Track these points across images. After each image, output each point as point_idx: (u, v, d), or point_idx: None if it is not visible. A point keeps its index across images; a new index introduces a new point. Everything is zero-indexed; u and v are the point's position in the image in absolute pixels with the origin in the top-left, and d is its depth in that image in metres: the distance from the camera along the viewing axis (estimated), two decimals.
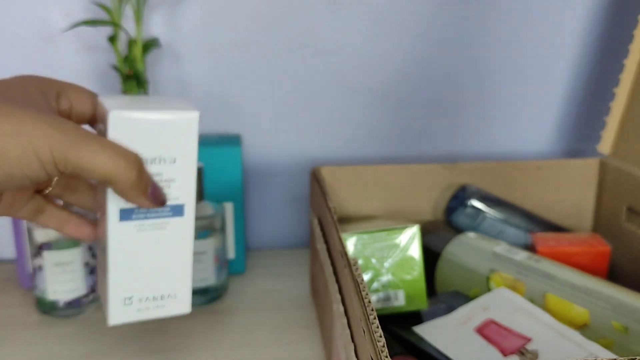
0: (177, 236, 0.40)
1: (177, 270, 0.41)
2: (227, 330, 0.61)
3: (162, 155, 0.37)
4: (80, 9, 0.69)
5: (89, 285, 0.63)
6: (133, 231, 0.38)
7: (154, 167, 0.37)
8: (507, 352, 0.43)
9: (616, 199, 0.66)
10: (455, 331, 0.48)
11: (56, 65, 0.71)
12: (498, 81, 0.78)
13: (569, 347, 0.42)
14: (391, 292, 0.52)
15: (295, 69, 0.75)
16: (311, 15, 0.73)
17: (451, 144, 0.80)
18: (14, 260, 0.75)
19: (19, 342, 0.58)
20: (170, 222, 0.39)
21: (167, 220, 0.39)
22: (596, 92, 0.80)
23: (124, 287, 0.39)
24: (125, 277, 0.39)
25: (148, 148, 0.37)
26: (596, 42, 0.78)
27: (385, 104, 0.78)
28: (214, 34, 0.72)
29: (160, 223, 0.39)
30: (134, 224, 0.38)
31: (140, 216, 0.38)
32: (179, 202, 0.39)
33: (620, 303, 0.49)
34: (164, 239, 0.39)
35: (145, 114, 0.36)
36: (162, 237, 0.39)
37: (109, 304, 0.39)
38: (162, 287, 0.41)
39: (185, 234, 0.40)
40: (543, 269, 0.54)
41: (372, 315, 0.37)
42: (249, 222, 0.81)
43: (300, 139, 0.78)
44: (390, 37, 0.75)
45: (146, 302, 0.41)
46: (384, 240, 0.52)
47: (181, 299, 0.41)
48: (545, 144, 0.82)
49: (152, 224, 0.39)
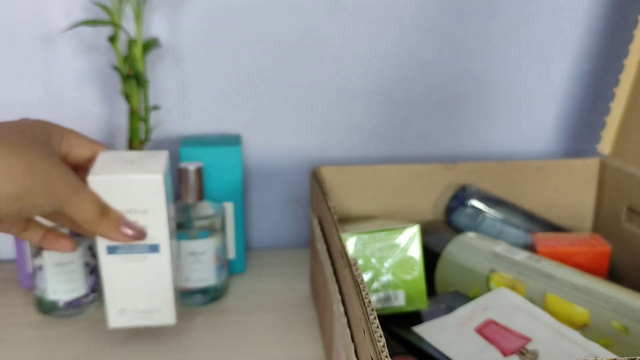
0: (155, 267, 0.49)
1: (159, 291, 0.50)
2: (227, 330, 0.61)
3: (135, 207, 0.47)
4: (80, 9, 0.69)
5: (89, 285, 0.63)
6: (119, 262, 0.49)
7: (131, 216, 0.47)
8: (507, 352, 0.43)
9: (616, 199, 0.66)
10: (455, 331, 0.48)
11: (56, 65, 0.71)
12: (498, 81, 0.78)
13: (569, 347, 0.42)
14: (391, 292, 0.52)
15: (295, 69, 0.75)
16: (311, 15, 0.73)
17: (451, 144, 0.80)
18: (14, 260, 0.75)
19: (19, 342, 0.58)
20: (148, 256, 0.49)
21: (146, 255, 0.49)
22: (596, 92, 0.81)
23: (117, 301, 0.50)
24: (117, 294, 0.50)
25: (122, 201, 0.46)
26: (596, 42, 0.78)
27: (385, 104, 0.78)
28: (214, 34, 0.72)
29: (140, 257, 0.49)
30: (119, 257, 0.49)
31: (124, 251, 0.49)
32: (154, 242, 0.48)
33: (620, 303, 0.49)
34: (145, 268, 0.49)
35: (118, 177, 0.46)
36: (143, 267, 0.49)
37: (108, 312, 0.51)
38: (148, 303, 0.51)
39: (162, 266, 0.50)
40: (543, 269, 0.54)
41: (372, 315, 0.37)
42: (249, 222, 0.81)
43: (300, 139, 0.78)
44: (391, 37, 0.75)
45: (136, 314, 0.51)
46: (384, 240, 0.52)
47: (165, 313, 0.51)
48: (545, 144, 0.82)
49: (134, 257, 0.49)
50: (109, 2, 0.66)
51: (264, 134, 0.77)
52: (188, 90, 0.74)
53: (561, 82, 0.80)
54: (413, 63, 0.76)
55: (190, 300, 0.65)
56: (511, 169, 0.69)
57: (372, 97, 0.77)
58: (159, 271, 0.50)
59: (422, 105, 0.78)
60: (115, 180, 0.46)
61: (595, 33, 0.78)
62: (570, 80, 0.80)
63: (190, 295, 0.65)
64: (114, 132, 0.74)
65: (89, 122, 0.73)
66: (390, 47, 0.75)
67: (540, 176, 0.69)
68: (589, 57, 0.79)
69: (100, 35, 0.71)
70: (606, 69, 0.79)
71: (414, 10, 0.74)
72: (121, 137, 0.74)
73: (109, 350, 0.57)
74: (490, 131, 0.80)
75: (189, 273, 0.64)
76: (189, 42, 0.72)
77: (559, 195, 0.70)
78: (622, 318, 0.47)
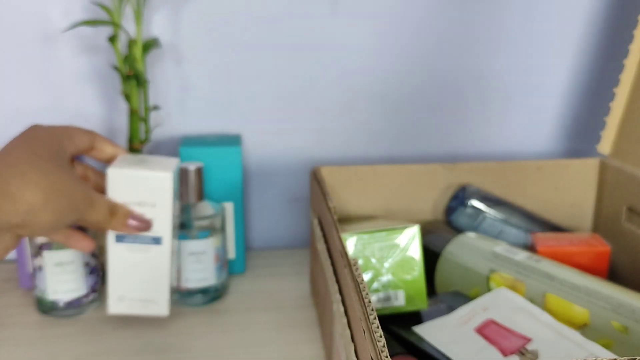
0: (157, 258, 0.54)
1: (157, 282, 0.55)
2: (227, 330, 0.61)
3: (145, 201, 0.52)
4: (80, 8, 0.69)
5: (89, 285, 0.63)
6: (125, 250, 0.54)
7: (139, 208, 0.52)
8: (507, 352, 0.43)
9: (616, 199, 0.66)
10: (455, 331, 0.48)
11: (56, 65, 0.71)
12: (498, 81, 0.78)
13: (569, 347, 0.42)
14: (391, 292, 0.52)
15: (295, 69, 0.75)
16: (311, 15, 0.73)
17: (451, 144, 0.80)
18: (14, 260, 0.75)
19: (19, 342, 0.58)
20: (151, 248, 0.54)
21: (149, 246, 0.54)
22: (596, 92, 0.80)
23: (118, 288, 0.55)
24: (120, 281, 0.55)
25: (134, 194, 0.52)
26: (596, 42, 0.78)
27: (385, 104, 0.78)
28: (214, 34, 0.72)
29: (144, 247, 0.54)
30: (125, 245, 0.54)
31: (130, 240, 0.54)
32: (158, 234, 0.53)
33: (620, 303, 0.49)
34: (147, 259, 0.54)
35: (133, 171, 0.52)
36: (146, 257, 0.54)
37: (109, 299, 0.55)
38: (146, 293, 0.55)
39: (163, 258, 0.54)
40: (543, 269, 0.54)
41: (372, 315, 0.37)
42: (249, 222, 0.81)
43: (300, 139, 0.78)
44: (391, 37, 0.75)
45: (134, 302, 0.55)
46: (384, 240, 0.52)
47: (161, 304, 0.56)
48: (545, 144, 0.82)
49: (139, 247, 0.54)
50: (109, 2, 0.66)
51: (264, 134, 0.77)
52: (188, 90, 0.74)
53: (561, 82, 0.80)
54: (413, 63, 0.76)
55: (190, 300, 0.65)
56: (511, 169, 0.69)
57: (372, 97, 0.77)
58: (160, 263, 0.54)
59: (423, 105, 0.78)
60: (131, 174, 0.52)
61: (595, 33, 0.78)
62: (570, 80, 0.80)
63: (190, 295, 0.65)
64: (114, 132, 0.74)
65: (89, 122, 0.73)
66: (390, 47, 0.75)
67: (540, 176, 0.69)
68: (589, 57, 0.79)
69: (100, 35, 0.71)
70: (606, 69, 0.79)
71: (413, 10, 0.74)
72: (121, 137, 0.74)
73: (109, 350, 0.57)
74: (490, 131, 0.80)
75: (189, 273, 0.64)
76: (189, 42, 0.72)
77: (559, 195, 0.70)
78: (622, 318, 0.47)
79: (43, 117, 0.73)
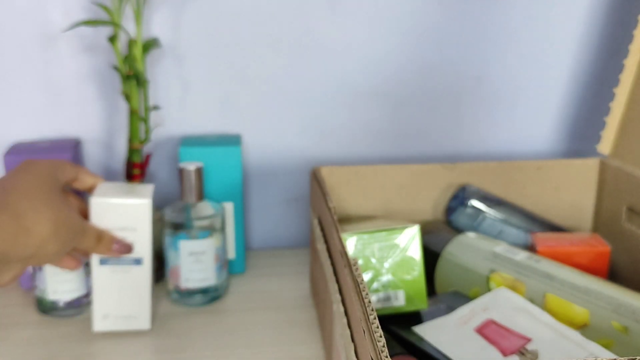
0: (137, 278, 0.58)
1: (139, 299, 0.59)
2: (227, 330, 0.61)
3: (126, 226, 0.57)
4: (80, 9, 0.69)
5: (89, 286, 0.63)
6: (108, 272, 0.58)
7: (121, 233, 0.57)
8: (507, 352, 0.43)
9: (616, 199, 0.66)
10: (455, 331, 0.48)
11: (56, 65, 0.71)
12: (498, 81, 0.78)
13: (569, 347, 0.43)
14: (391, 292, 0.52)
15: (295, 69, 0.75)
16: (311, 15, 0.73)
17: (451, 144, 0.80)
18: None
19: (19, 342, 0.58)
20: (132, 268, 0.58)
21: (131, 267, 0.58)
22: (596, 92, 0.80)
23: (104, 307, 0.59)
24: (104, 301, 0.58)
25: (117, 220, 0.56)
26: (596, 42, 0.78)
27: (385, 104, 0.78)
28: (214, 34, 0.72)
29: (126, 268, 0.58)
30: (109, 267, 0.58)
31: (114, 262, 0.58)
32: (139, 256, 0.58)
33: (620, 303, 0.49)
34: (129, 278, 0.58)
35: (115, 200, 0.56)
36: (128, 277, 0.58)
37: (94, 317, 0.59)
38: (128, 309, 0.59)
39: (144, 277, 0.59)
40: (543, 269, 0.54)
41: (372, 315, 0.37)
42: (249, 222, 0.81)
43: (300, 139, 0.78)
44: (391, 37, 0.75)
45: (118, 319, 0.59)
46: (384, 240, 0.52)
47: (142, 319, 0.60)
48: (545, 144, 0.82)
49: (121, 269, 0.58)
50: (109, 2, 0.66)
51: (264, 134, 0.77)
52: (188, 90, 0.74)
53: (561, 82, 0.80)
54: (413, 63, 0.76)
55: (190, 300, 0.65)
56: (511, 169, 0.69)
57: (372, 97, 0.77)
58: (141, 282, 0.59)
59: (422, 105, 0.78)
60: (113, 202, 0.56)
61: (595, 33, 0.78)
62: (570, 80, 0.80)
63: (190, 295, 0.65)
64: (114, 132, 0.74)
65: (89, 122, 0.73)
66: (390, 47, 0.75)
67: (540, 176, 0.69)
68: (589, 58, 0.79)
69: (100, 35, 0.71)
70: (606, 69, 0.79)
71: (414, 10, 0.74)
72: (121, 137, 0.74)
73: (109, 350, 0.57)
74: (490, 131, 0.80)
75: (189, 273, 0.64)
76: (189, 42, 0.72)
77: (559, 195, 0.70)
78: (622, 318, 0.47)
79: (43, 117, 0.73)
